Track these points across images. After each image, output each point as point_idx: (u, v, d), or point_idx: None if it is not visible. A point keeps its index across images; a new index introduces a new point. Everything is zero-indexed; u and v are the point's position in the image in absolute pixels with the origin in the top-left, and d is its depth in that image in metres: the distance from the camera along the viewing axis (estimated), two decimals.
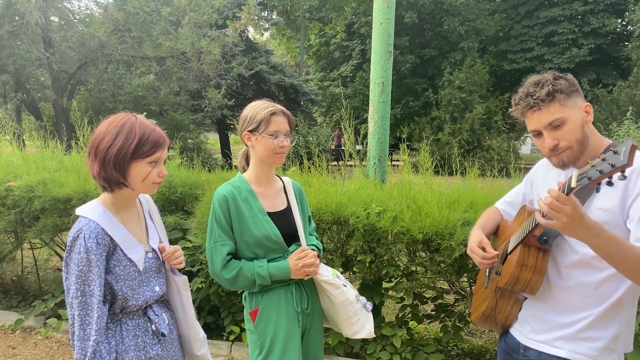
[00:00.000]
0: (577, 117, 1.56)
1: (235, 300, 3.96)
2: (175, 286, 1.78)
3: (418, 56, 23.91)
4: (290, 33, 29.02)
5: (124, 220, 1.64)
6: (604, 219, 1.52)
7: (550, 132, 1.57)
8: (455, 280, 3.47)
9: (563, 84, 1.56)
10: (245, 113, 2.04)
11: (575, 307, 1.62)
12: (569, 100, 1.56)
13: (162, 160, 1.62)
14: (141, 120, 1.60)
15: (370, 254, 3.25)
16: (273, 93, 17.73)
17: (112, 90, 12.34)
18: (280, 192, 2.15)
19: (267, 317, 2.04)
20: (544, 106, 1.55)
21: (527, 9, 23.76)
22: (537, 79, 1.61)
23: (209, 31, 12.29)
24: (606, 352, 1.59)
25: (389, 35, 3.95)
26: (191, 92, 13.60)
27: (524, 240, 1.64)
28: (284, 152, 2.01)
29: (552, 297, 1.66)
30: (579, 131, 1.56)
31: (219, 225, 1.99)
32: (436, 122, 21.11)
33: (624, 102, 18.05)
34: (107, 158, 1.54)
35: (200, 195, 3.77)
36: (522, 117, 1.64)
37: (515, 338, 1.79)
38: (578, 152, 1.56)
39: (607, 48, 22.39)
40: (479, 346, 4.00)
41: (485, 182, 3.89)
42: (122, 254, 1.58)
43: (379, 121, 3.98)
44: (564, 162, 1.58)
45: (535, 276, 1.63)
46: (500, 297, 1.79)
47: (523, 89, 1.62)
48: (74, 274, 1.48)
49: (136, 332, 1.63)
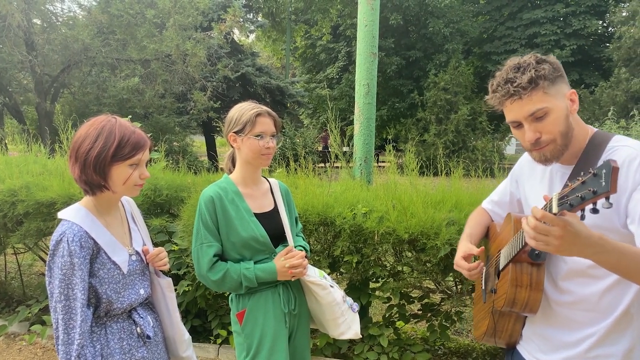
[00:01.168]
0: (561, 106, 1.39)
1: (223, 303, 3.95)
2: (160, 289, 1.77)
3: (403, 58, 24.06)
4: (275, 35, 28.97)
5: (107, 223, 1.63)
6: (593, 222, 1.34)
7: (531, 123, 1.40)
8: (441, 280, 3.49)
9: (547, 68, 1.38)
10: (231, 115, 2.04)
11: (580, 323, 1.46)
12: (553, 88, 1.39)
13: (143, 162, 1.62)
14: (121, 123, 1.59)
15: (356, 255, 3.26)
16: (259, 95, 17.71)
17: (96, 93, 12.23)
18: (267, 193, 2.15)
19: (254, 319, 2.03)
20: (526, 95, 1.37)
21: (510, 10, 24.05)
22: (517, 61, 1.42)
23: (193, 33, 12.25)
24: None
25: (373, 37, 3.97)
26: (176, 94, 13.52)
27: (514, 258, 1.49)
28: (269, 153, 2.02)
29: (553, 314, 1.52)
30: (563, 122, 1.39)
31: (205, 227, 1.99)
32: (422, 123, 21.25)
33: (605, 102, 18.37)
34: (87, 161, 1.53)
35: (186, 197, 3.75)
36: (500, 106, 1.45)
37: (522, 356, 1.64)
38: (562, 146, 1.41)
39: (589, 49, 22.75)
40: (466, 345, 4.03)
41: (470, 182, 3.92)
42: (106, 257, 1.57)
43: (364, 122, 4.00)
44: (546, 158, 1.43)
45: (534, 294, 1.47)
46: (499, 318, 1.65)
47: (502, 73, 1.43)
48: (58, 278, 1.47)
49: (121, 335, 1.62)
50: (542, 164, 1.47)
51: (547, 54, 1.51)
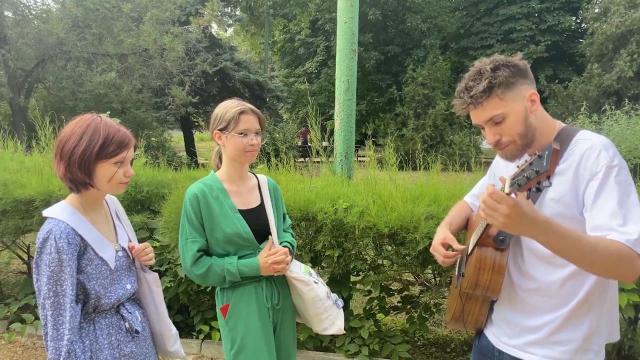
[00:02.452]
0: (518, 109, 1.47)
1: (204, 299, 3.97)
2: (147, 284, 1.80)
3: (382, 53, 24.17)
4: (254, 29, 28.83)
5: (92, 220, 1.65)
6: (557, 210, 1.45)
7: (491, 127, 1.50)
8: (420, 272, 3.57)
9: (502, 75, 1.45)
10: (216, 112, 2.07)
11: (542, 309, 1.54)
12: (510, 93, 1.46)
13: (128, 160, 1.64)
14: (106, 121, 1.61)
15: (338, 249, 3.32)
16: (238, 90, 17.63)
17: (72, 88, 12.03)
18: (254, 189, 2.18)
19: (237, 313, 2.07)
20: (481, 103, 1.47)
21: (486, 6, 24.34)
22: (479, 67, 1.50)
23: (171, 28, 12.12)
24: (580, 353, 1.51)
25: (353, 34, 4.02)
26: (154, 89, 13.39)
27: (479, 242, 1.57)
28: (254, 150, 2.05)
29: (518, 299, 1.60)
30: (521, 124, 1.47)
31: (190, 223, 2.02)
32: (400, 118, 21.42)
33: (579, 97, 18.76)
34: (72, 159, 1.55)
35: (167, 194, 3.75)
36: (463, 112, 1.55)
37: (489, 340, 1.72)
38: (522, 145, 1.49)
39: (563, 45, 23.18)
40: (444, 336, 4.13)
41: (448, 176, 4.01)
42: (93, 253, 1.59)
43: (344, 118, 4.05)
44: (507, 157, 1.53)
45: (495, 277, 1.55)
46: (466, 300, 1.72)
47: (463, 81, 1.52)
48: (45, 275, 1.48)
49: (110, 330, 1.65)
50: (507, 161, 1.56)
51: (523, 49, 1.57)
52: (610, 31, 18.80)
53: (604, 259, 1.29)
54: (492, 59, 1.50)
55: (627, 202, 1.37)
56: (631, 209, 1.36)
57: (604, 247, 1.30)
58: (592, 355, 1.52)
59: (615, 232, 1.32)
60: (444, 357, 3.79)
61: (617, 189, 1.37)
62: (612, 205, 1.36)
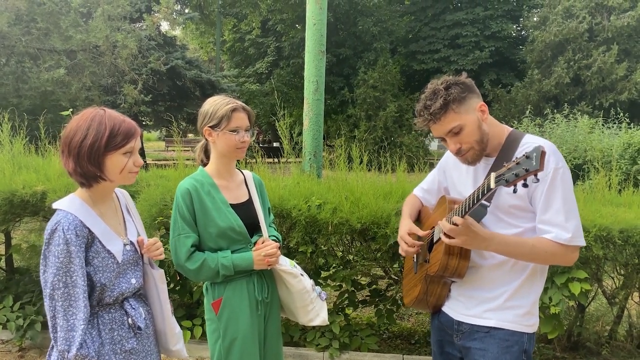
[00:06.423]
0: (472, 119, 1.73)
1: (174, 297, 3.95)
2: (153, 279, 1.81)
3: (334, 55, 24.37)
4: (204, 28, 28.39)
5: (101, 213, 1.66)
6: (513, 202, 1.74)
7: (451, 138, 1.75)
8: (389, 267, 3.72)
9: (454, 92, 1.70)
10: (206, 109, 2.11)
11: (499, 281, 1.82)
12: (463, 106, 1.71)
13: (136, 149, 1.66)
14: (110, 113, 1.64)
15: (311, 245, 3.40)
16: (189, 89, 17.33)
17: (15, 85, 11.49)
18: (241, 184, 2.24)
19: (230, 307, 2.12)
20: (439, 118, 1.71)
21: (434, 11, 25.03)
22: (433, 87, 1.76)
23: (122, 24, 11.82)
24: (527, 317, 1.81)
25: (321, 36, 4.12)
26: (104, 87, 12.99)
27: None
28: (244, 146, 2.11)
29: (479, 276, 1.85)
30: (476, 132, 1.73)
31: (183, 218, 2.05)
32: (352, 120, 21.72)
33: (520, 101, 19.70)
34: (81, 153, 1.56)
35: (136, 193, 3.71)
36: (425, 128, 1.81)
37: (448, 315, 1.96)
38: (480, 150, 1.75)
39: (505, 51, 24.17)
40: (408, 328, 4.30)
41: (412, 176, 4.19)
42: (100, 246, 1.61)
43: (313, 118, 4.15)
44: (469, 162, 1.78)
45: (462, 262, 1.80)
46: (430, 283, 1.95)
47: (421, 101, 1.77)
48: (54, 266, 1.49)
49: (112, 325, 1.66)
50: (469, 165, 1.83)
51: (468, 55, 1.81)
52: (549, 39, 19.85)
53: (541, 256, 1.72)
54: (442, 80, 1.77)
55: (569, 200, 1.70)
56: (571, 206, 1.70)
57: (540, 247, 1.69)
58: (535, 320, 1.85)
59: (558, 227, 1.68)
60: (409, 349, 3.95)
61: (562, 188, 1.69)
62: (557, 204, 1.69)
